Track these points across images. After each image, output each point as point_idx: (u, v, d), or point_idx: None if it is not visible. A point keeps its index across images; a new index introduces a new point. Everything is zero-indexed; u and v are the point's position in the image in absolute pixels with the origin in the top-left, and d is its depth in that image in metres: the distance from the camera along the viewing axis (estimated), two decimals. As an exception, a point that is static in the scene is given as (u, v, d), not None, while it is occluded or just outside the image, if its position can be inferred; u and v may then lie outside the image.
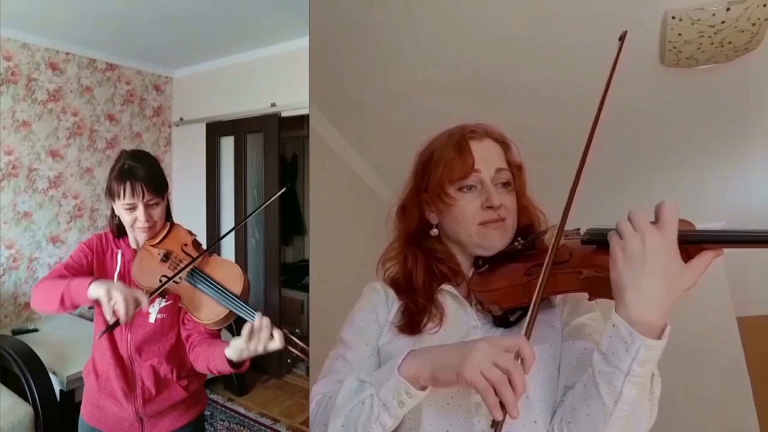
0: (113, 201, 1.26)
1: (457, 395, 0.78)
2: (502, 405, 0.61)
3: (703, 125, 2.27)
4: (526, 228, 0.88)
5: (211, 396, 3.12)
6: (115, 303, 1.07)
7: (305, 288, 3.92)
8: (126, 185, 1.21)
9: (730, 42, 1.67)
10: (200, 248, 1.29)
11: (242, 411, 2.99)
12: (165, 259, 1.24)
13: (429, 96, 2.01)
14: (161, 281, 1.19)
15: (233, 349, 1.11)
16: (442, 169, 0.87)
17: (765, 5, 1.54)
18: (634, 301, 0.61)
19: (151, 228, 1.26)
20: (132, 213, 1.23)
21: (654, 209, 0.63)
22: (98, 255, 1.32)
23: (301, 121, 3.69)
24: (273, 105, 3.31)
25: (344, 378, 0.78)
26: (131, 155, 1.27)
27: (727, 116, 2.18)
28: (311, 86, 2.02)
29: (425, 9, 1.67)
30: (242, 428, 2.83)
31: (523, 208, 0.92)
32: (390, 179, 2.58)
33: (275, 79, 3.34)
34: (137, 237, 1.30)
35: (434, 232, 0.91)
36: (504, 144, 0.92)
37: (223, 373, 1.24)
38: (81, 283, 1.13)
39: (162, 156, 3.99)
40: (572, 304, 0.85)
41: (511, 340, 0.65)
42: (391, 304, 0.91)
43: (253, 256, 3.62)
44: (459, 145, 0.88)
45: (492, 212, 0.85)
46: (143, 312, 1.24)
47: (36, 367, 2.23)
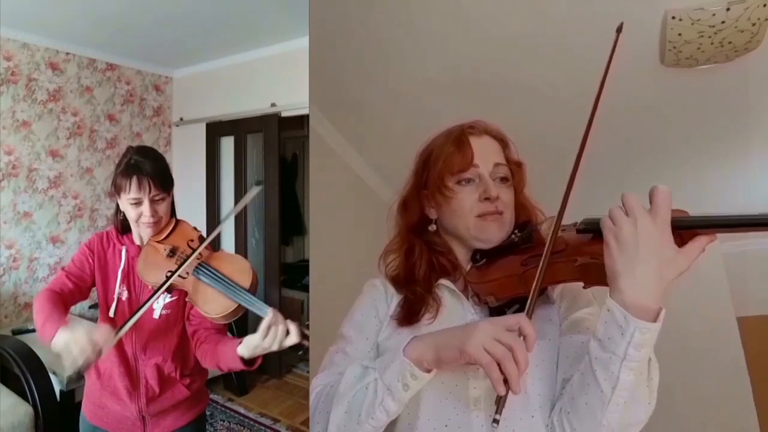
0: (118, 196, 1.26)
1: (456, 390, 0.78)
2: (505, 381, 0.62)
3: (703, 125, 2.27)
4: (524, 225, 0.89)
5: (211, 396, 3.12)
6: (74, 357, 1.04)
7: (305, 288, 3.93)
8: (132, 180, 1.21)
9: (730, 42, 1.67)
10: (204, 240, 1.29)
11: (242, 411, 2.99)
12: (172, 255, 1.24)
13: (429, 96, 2.01)
14: (168, 277, 1.18)
15: (246, 347, 1.09)
16: (442, 163, 0.89)
17: (765, 5, 1.54)
18: (628, 286, 0.62)
19: (156, 223, 1.26)
20: (137, 208, 1.23)
21: (648, 194, 0.63)
22: (99, 255, 1.32)
23: (301, 121, 3.69)
24: (273, 105, 3.31)
25: (345, 370, 0.78)
26: (138, 151, 1.27)
27: (727, 116, 2.18)
28: (311, 86, 2.02)
29: (425, 9, 1.67)
30: (242, 428, 2.83)
31: (522, 206, 0.93)
32: (390, 179, 2.58)
33: (275, 79, 3.34)
34: (142, 233, 1.29)
35: (432, 228, 0.93)
36: (502, 141, 0.93)
37: (234, 370, 1.23)
38: (50, 330, 1.11)
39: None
40: (570, 299, 0.85)
41: (513, 319, 0.66)
42: (391, 300, 0.92)
43: (253, 256, 3.62)
44: (458, 140, 0.89)
45: (489, 204, 0.86)
46: (149, 307, 1.24)
47: (36, 367, 2.23)
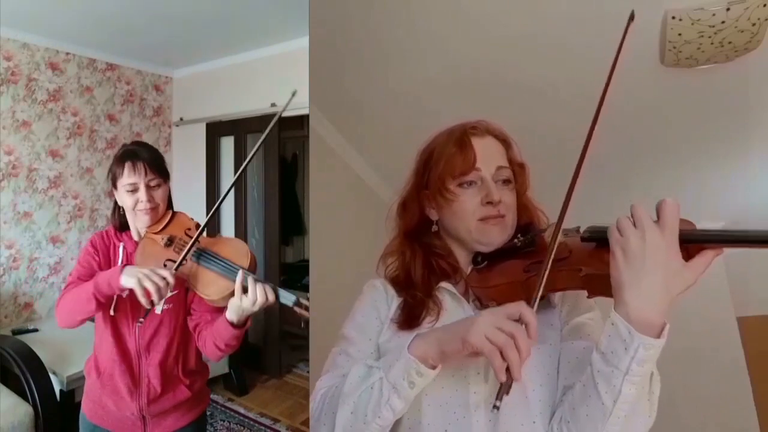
0: (115, 187, 1.27)
1: (456, 394, 0.78)
2: (507, 370, 0.62)
3: (703, 125, 2.27)
4: (526, 227, 0.88)
5: (211, 396, 3.11)
6: (148, 288, 1.09)
7: (305, 288, 3.92)
8: (126, 164, 1.23)
9: (730, 42, 1.67)
10: (202, 231, 1.28)
11: (242, 411, 2.99)
12: (169, 244, 1.24)
13: (429, 96, 2.01)
14: (165, 265, 1.19)
15: (231, 310, 1.13)
16: (444, 165, 0.88)
17: (765, 5, 1.54)
18: (634, 300, 0.61)
19: (154, 210, 1.26)
20: (134, 195, 1.24)
21: (655, 207, 0.63)
22: (103, 252, 1.32)
23: (301, 121, 3.69)
24: (273, 105, 3.31)
25: (348, 371, 0.78)
26: (133, 143, 1.33)
27: (727, 116, 2.18)
28: (311, 86, 2.02)
29: (425, 9, 1.66)
30: (242, 428, 2.83)
31: (524, 207, 0.92)
32: (390, 179, 2.58)
33: (275, 79, 3.33)
34: (139, 222, 1.28)
35: (434, 229, 0.92)
36: (505, 142, 0.92)
37: (230, 344, 1.21)
38: (111, 275, 1.15)
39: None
40: (571, 304, 0.85)
41: (514, 307, 0.66)
42: (391, 301, 0.91)
43: (253, 256, 3.62)
44: (460, 141, 0.88)
45: (491, 208, 0.85)
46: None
47: (36, 367, 2.23)
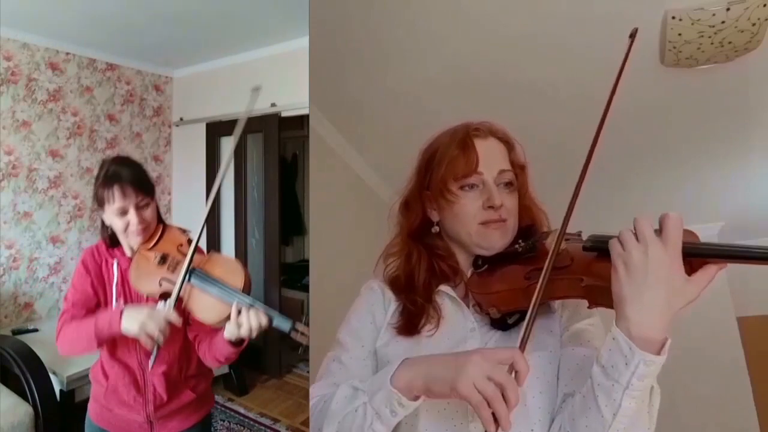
0: (103, 209, 1.23)
1: (454, 402, 0.77)
2: (495, 418, 0.61)
3: (703, 125, 2.27)
4: (528, 228, 0.87)
5: (211, 396, 3.12)
6: (151, 334, 1.10)
7: (305, 288, 3.92)
8: (114, 189, 1.19)
9: (730, 42, 1.67)
10: (196, 246, 1.26)
11: (242, 411, 2.99)
12: (162, 262, 1.22)
13: (429, 96, 2.01)
14: (161, 284, 1.18)
15: (228, 332, 1.13)
16: (446, 167, 0.87)
17: (765, 5, 1.54)
18: (635, 314, 0.61)
19: (145, 230, 1.24)
20: (124, 218, 1.21)
21: (658, 220, 0.62)
22: (95, 271, 1.30)
23: (301, 121, 3.68)
24: (273, 105, 3.30)
25: (340, 381, 0.78)
26: (113, 161, 1.25)
27: (727, 116, 2.18)
28: (311, 86, 2.02)
29: (425, 9, 1.66)
30: (242, 428, 2.83)
31: (526, 208, 0.91)
32: (390, 179, 2.58)
33: (275, 79, 3.33)
34: (131, 242, 1.26)
35: (435, 230, 0.91)
36: (508, 143, 0.91)
37: (230, 358, 1.22)
38: (111, 322, 1.15)
39: (162, 156, 3.98)
40: (571, 310, 0.84)
41: (506, 353, 0.65)
42: (388, 305, 0.90)
43: (253, 256, 3.62)
44: (463, 143, 0.87)
45: (493, 212, 0.84)
46: None
47: (36, 367, 2.23)
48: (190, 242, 1.25)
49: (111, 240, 1.31)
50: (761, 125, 2.23)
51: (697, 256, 0.61)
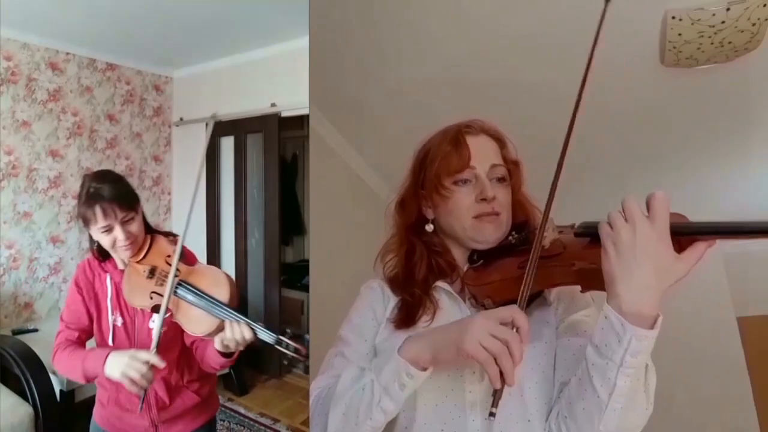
0: (88, 227, 1.22)
1: (452, 393, 0.78)
2: (501, 375, 0.63)
3: (703, 125, 2.27)
4: (522, 225, 0.89)
5: (211, 396, 3.12)
6: (133, 379, 1.11)
7: (305, 288, 3.92)
8: (96, 209, 1.17)
9: (730, 42, 1.67)
10: (186, 257, 1.26)
11: (242, 411, 2.99)
12: (151, 275, 1.22)
13: (429, 96, 2.01)
14: (151, 298, 1.20)
15: (217, 342, 1.14)
16: (439, 163, 0.89)
17: (765, 5, 1.54)
18: (626, 292, 0.62)
19: (133, 244, 1.23)
20: (110, 234, 1.20)
21: (645, 200, 0.63)
22: (87, 289, 1.31)
23: (301, 121, 3.68)
24: (273, 105, 3.30)
25: (342, 372, 0.78)
26: (94, 177, 1.24)
27: (727, 116, 2.18)
28: (311, 86, 2.02)
29: (425, 9, 1.67)
30: (242, 428, 2.83)
31: (519, 205, 0.92)
32: (390, 179, 2.58)
33: (275, 79, 3.33)
34: (120, 257, 1.27)
35: (429, 228, 0.92)
36: (500, 140, 0.93)
37: (224, 365, 1.24)
38: (95, 365, 1.18)
39: (162, 156, 3.99)
40: (567, 302, 0.85)
41: (506, 312, 0.66)
42: (388, 302, 0.92)
43: (253, 256, 3.61)
44: (455, 140, 0.89)
45: (486, 205, 0.85)
46: (146, 327, 1.28)
47: (36, 367, 2.23)
48: (180, 254, 1.24)
49: (101, 254, 1.30)
50: (761, 125, 2.23)
51: (685, 234, 0.62)
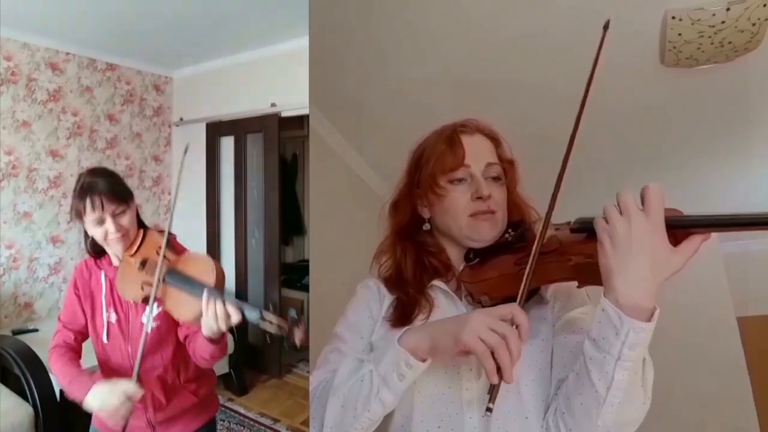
0: (82, 220, 1.25)
1: (449, 391, 0.78)
2: (498, 371, 0.62)
3: (703, 125, 2.27)
4: (517, 224, 0.89)
5: (211, 396, 3.12)
6: (113, 412, 1.13)
7: (305, 288, 3.92)
8: (86, 201, 1.21)
9: (730, 42, 1.67)
10: (174, 247, 1.29)
11: (242, 411, 2.99)
12: (142, 267, 1.25)
13: (429, 96, 2.01)
14: (143, 289, 1.21)
15: (204, 327, 1.14)
16: (434, 162, 0.89)
17: (765, 5, 1.54)
18: (622, 285, 0.62)
19: (125, 236, 1.25)
20: (101, 227, 1.22)
21: (639, 193, 0.63)
22: (84, 289, 1.33)
23: (301, 121, 3.69)
24: (273, 105, 3.30)
25: (339, 366, 0.78)
26: (89, 173, 1.27)
27: (727, 116, 2.19)
28: (311, 86, 2.02)
29: (425, 9, 1.67)
30: (242, 428, 2.83)
31: (515, 204, 0.92)
32: (390, 179, 2.57)
33: (275, 79, 3.33)
34: (113, 250, 1.28)
35: (426, 227, 0.93)
36: (495, 140, 0.93)
37: (214, 356, 1.22)
38: (80, 391, 1.18)
39: (162, 156, 3.99)
40: (564, 299, 0.85)
41: (506, 309, 0.66)
42: (384, 300, 0.92)
43: (253, 256, 3.62)
44: (450, 139, 0.89)
45: (481, 203, 0.85)
46: (139, 323, 1.28)
47: (36, 367, 2.23)
48: (168, 243, 1.27)
49: (94, 250, 1.32)
50: (761, 125, 2.23)
51: (681, 227, 0.62)
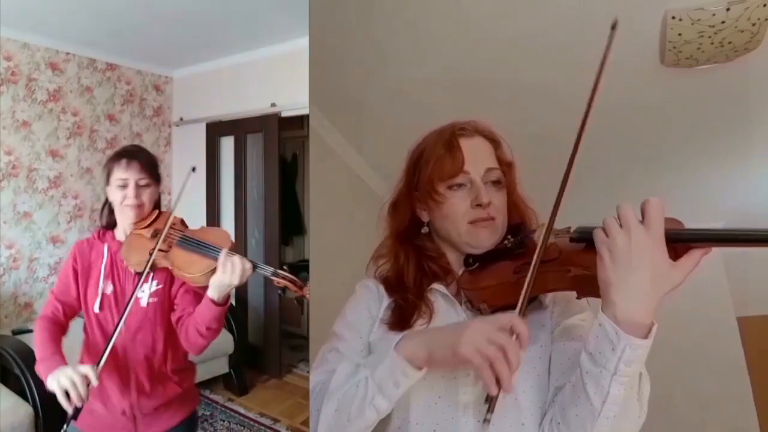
0: (108, 182, 1.31)
1: (446, 395, 0.78)
2: (497, 381, 0.62)
3: (703, 125, 2.27)
4: (517, 226, 0.88)
5: (211, 396, 3.12)
6: (67, 390, 1.13)
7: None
8: (122, 161, 1.28)
9: (730, 42, 1.67)
10: (186, 227, 1.34)
11: (242, 411, 2.99)
12: (154, 236, 1.29)
13: (429, 96, 2.01)
14: (150, 254, 1.24)
15: (213, 287, 1.17)
16: (432, 167, 0.87)
17: (765, 5, 1.54)
18: (621, 300, 0.61)
19: (139, 207, 1.30)
20: (123, 190, 1.28)
21: (639, 207, 0.63)
22: (82, 262, 1.34)
23: (301, 121, 3.69)
24: (273, 105, 3.31)
25: (336, 367, 0.78)
26: (132, 145, 1.39)
27: (727, 116, 2.18)
28: (311, 86, 2.02)
29: (425, 9, 1.67)
30: (242, 428, 2.83)
31: (515, 206, 0.91)
32: (390, 179, 2.57)
33: (275, 79, 3.33)
34: (125, 218, 1.32)
35: (425, 230, 0.92)
36: (494, 141, 0.91)
37: (211, 326, 1.22)
38: (46, 370, 1.19)
39: (162, 156, 3.98)
40: (563, 306, 0.85)
41: (505, 318, 0.66)
42: (382, 300, 0.91)
43: (253, 256, 3.58)
44: (449, 143, 0.87)
45: (481, 210, 0.84)
46: (136, 298, 1.29)
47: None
48: (182, 221, 1.35)
49: (107, 221, 1.37)
50: (761, 125, 2.23)
51: (681, 242, 0.62)
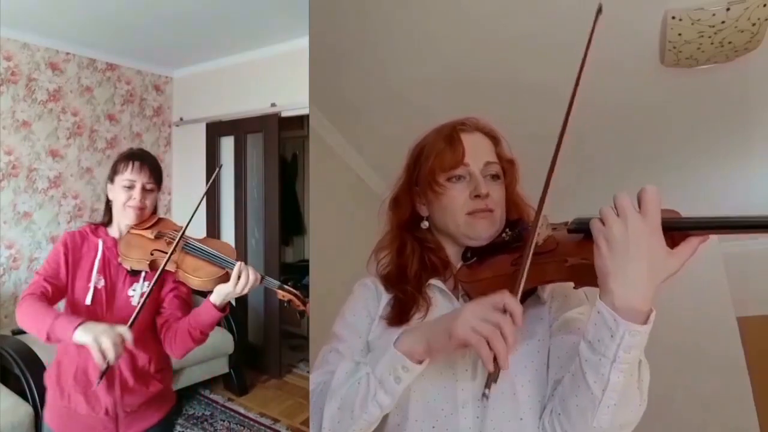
0: (112, 180, 1.33)
1: (444, 391, 0.78)
2: (495, 359, 0.62)
3: (703, 125, 2.27)
4: (516, 222, 0.88)
5: (211, 396, 3.12)
6: (104, 347, 1.10)
7: (305, 288, 3.92)
8: (133, 163, 1.31)
9: (730, 42, 1.67)
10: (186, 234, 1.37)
11: (242, 411, 2.99)
12: (159, 237, 1.31)
13: (429, 96, 2.01)
14: (152, 254, 1.27)
15: (218, 294, 1.23)
16: (433, 160, 0.89)
17: (765, 5, 1.54)
18: (618, 287, 0.61)
19: (142, 210, 1.32)
20: (129, 191, 1.31)
21: (636, 196, 0.63)
22: (74, 252, 1.34)
23: (301, 121, 3.69)
24: (273, 105, 3.31)
25: (337, 367, 0.78)
26: (138, 149, 1.40)
27: (727, 116, 2.18)
28: (311, 86, 2.02)
29: (425, 9, 1.67)
30: (242, 428, 2.83)
31: (514, 204, 0.92)
32: (390, 179, 2.58)
33: (275, 79, 3.33)
34: (126, 219, 1.33)
35: (425, 225, 0.93)
36: (494, 138, 0.93)
37: (205, 331, 1.26)
38: (66, 326, 1.14)
39: (162, 156, 3.98)
40: (561, 299, 0.85)
41: (498, 297, 0.66)
42: (381, 299, 0.92)
43: (253, 256, 3.61)
44: (449, 137, 0.89)
45: (480, 201, 0.85)
46: (125, 296, 1.31)
47: (36, 367, 2.23)
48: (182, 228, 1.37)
49: (106, 216, 1.40)
50: (761, 125, 2.23)
51: (678, 229, 0.62)
